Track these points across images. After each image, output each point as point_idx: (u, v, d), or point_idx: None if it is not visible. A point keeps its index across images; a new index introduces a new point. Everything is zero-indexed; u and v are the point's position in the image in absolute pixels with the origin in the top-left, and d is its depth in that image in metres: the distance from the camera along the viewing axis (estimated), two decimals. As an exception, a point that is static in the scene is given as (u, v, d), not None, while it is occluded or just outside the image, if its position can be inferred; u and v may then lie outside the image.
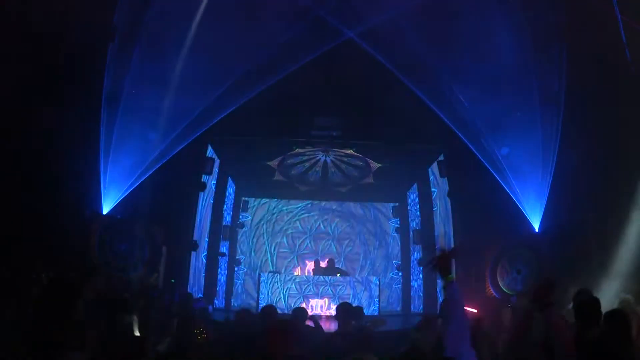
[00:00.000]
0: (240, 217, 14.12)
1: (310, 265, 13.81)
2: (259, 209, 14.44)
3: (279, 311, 6.17)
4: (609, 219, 7.72)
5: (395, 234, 14.26)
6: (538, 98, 8.35)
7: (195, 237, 10.11)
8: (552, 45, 7.92)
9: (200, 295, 10.91)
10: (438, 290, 11.22)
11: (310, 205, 14.49)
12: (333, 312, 11.63)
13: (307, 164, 13.14)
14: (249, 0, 8.05)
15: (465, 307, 2.23)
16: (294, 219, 14.44)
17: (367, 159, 12.63)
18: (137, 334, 5.85)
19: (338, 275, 12.86)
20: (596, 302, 3.53)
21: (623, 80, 7.56)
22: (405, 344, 4.07)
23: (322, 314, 11.76)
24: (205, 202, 11.02)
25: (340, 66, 9.26)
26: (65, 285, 3.11)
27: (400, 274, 13.85)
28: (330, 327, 10.38)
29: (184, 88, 8.43)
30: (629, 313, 3.85)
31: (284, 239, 14.29)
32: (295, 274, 13.55)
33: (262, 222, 14.40)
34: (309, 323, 5.56)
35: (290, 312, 6.73)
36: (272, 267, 13.88)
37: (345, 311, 5.32)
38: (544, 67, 8.21)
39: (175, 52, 8.20)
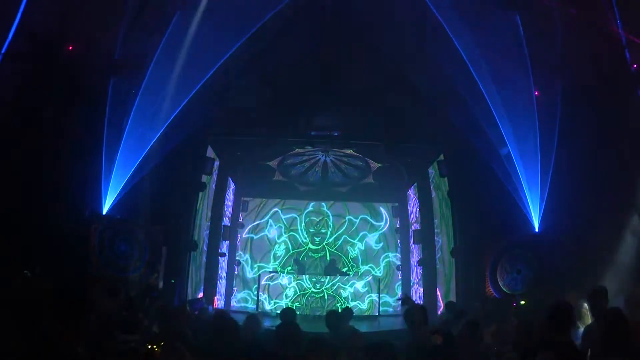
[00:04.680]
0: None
1: (309, 265, 13.81)
2: (258, 207, 14.42)
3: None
4: (609, 219, 7.71)
5: (395, 234, 14.26)
6: (538, 98, 8.34)
7: (195, 237, 10.10)
8: (552, 44, 7.92)
9: (200, 295, 10.92)
10: (438, 290, 11.24)
11: (310, 204, 14.47)
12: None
13: (307, 164, 13.15)
14: (249, 1, 8.05)
15: None
16: (293, 218, 14.42)
17: (367, 159, 12.64)
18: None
19: (338, 275, 12.87)
20: (570, 309, 3.58)
21: (622, 80, 7.56)
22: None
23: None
24: (205, 202, 11.02)
25: (340, 66, 9.26)
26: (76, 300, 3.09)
27: (400, 274, 13.85)
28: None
29: (184, 88, 8.44)
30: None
31: (284, 239, 14.27)
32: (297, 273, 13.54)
33: (261, 222, 14.38)
34: None
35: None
36: (272, 267, 13.87)
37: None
38: (543, 67, 8.21)
39: (175, 52, 8.20)
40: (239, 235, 14.02)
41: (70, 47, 7.72)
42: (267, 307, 12.13)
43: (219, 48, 8.02)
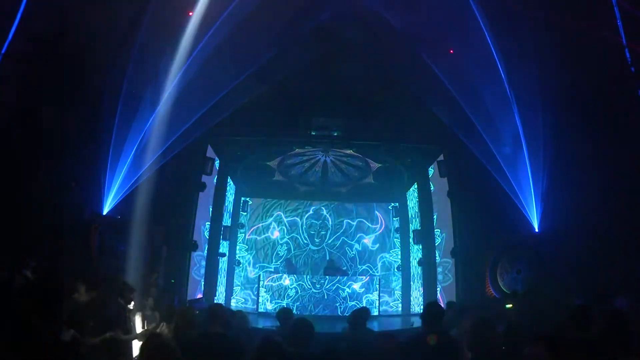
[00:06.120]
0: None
1: (309, 265, 13.81)
2: (258, 208, 14.41)
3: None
4: (609, 219, 7.72)
5: (395, 234, 14.25)
6: (538, 97, 8.34)
7: (195, 238, 10.11)
8: (554, 46, 7.93)
9: (200, 295, 10.92)
10: (438, 290, 11.24)
11: (309, 204, 14.46)
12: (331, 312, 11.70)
13: (307, 164, 13.13)
14: (250, 2, 8.05)
15: None
16: (293, 218, 14.41)
17: (367, 159, 12.63)
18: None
19: (338, 275, 12.86)
20: (588, 309, 3.62)
21: (622, 79, 7.57)
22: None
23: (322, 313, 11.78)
24: (205, 202, 11.01)
25: (340, 66, 9.26)
26: (49, 288, 3.12)
27: (400, 273, 13.84)
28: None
29: (185, 88, 8.44)
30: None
31: (284, 239, 14.26)
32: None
33: (261, 222, 14.37)
34: None
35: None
36: (272, 267, 13.86)
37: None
38: (544, 66, 8.21)
39: (175, 53, 8.20)
40: (241, 235, 14.02)
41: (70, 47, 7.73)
42: (269, 307, 12.11)
43: (219, 49, 8.03)
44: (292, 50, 8.48)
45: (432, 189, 11.89)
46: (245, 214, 14.17)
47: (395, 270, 13.89)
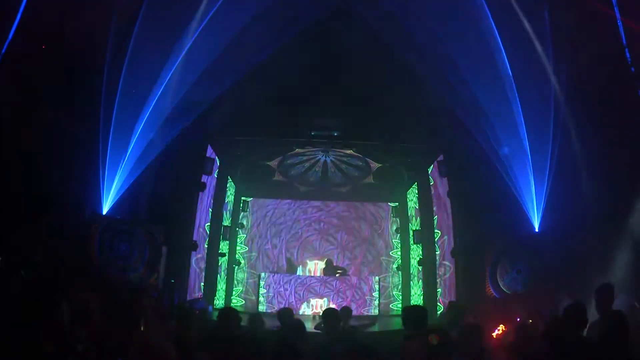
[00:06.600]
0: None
1: (309, 265, 13.80)
2: (258, 208, 14.41)
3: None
4: (609, 219, 7.71)
5: (395, 234, 14.26)
6: (539, 96, 8.34)
7: (195, 238, 10.11)
8: (555, 45, 7.92)
9: (200, 295, 10.92)
10: (439, 291, 11.24)
11: (309, 204, 14.47)
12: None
13: (307, 164, 13.14)
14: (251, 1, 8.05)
15: None
16: (293, 218, 14.40)
17: (367, 159, 12.63)
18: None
19: (338, 274, 12.86)
20: (582, 308, 3.62)
21: (623, 78, 7.56)
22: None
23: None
24: (205, 202, 11.02)
25: (340, 66, 9.26)
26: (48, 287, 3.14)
27: (400, 273, 13.84)
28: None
29: (184, 87, 8.43)
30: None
31: (284, 239, 14.26)
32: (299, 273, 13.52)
33: (261, 222, 14.37)
34: None
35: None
36: (272, 267, 13.87)
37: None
38: (544, 65, 8.21)
39: (174, 51, 8.19)
40: (242, 236, 14.03)
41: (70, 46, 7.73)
42: (269, 307, 12.11)
43: (220, 47, 8.02)
44: (291, 49, 8.47)
45: (432, 189, 11.90)
46: (246, 213, 14.18)
47: (395, 270, 13.89)
